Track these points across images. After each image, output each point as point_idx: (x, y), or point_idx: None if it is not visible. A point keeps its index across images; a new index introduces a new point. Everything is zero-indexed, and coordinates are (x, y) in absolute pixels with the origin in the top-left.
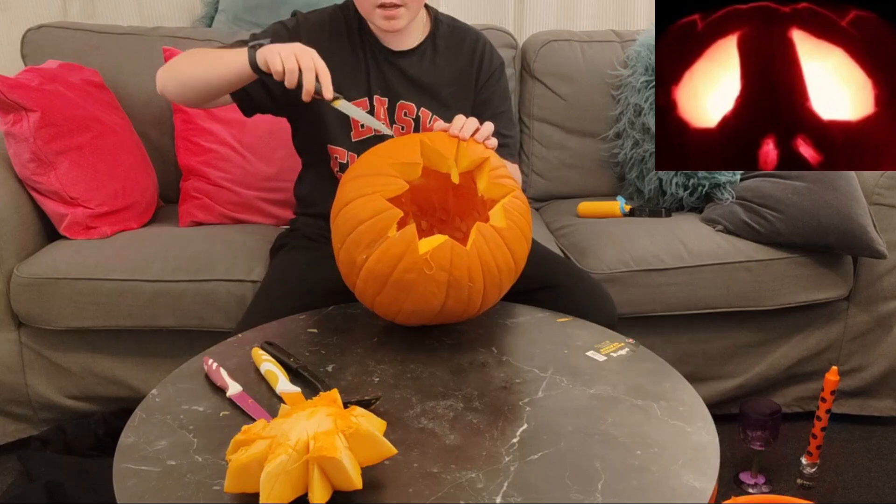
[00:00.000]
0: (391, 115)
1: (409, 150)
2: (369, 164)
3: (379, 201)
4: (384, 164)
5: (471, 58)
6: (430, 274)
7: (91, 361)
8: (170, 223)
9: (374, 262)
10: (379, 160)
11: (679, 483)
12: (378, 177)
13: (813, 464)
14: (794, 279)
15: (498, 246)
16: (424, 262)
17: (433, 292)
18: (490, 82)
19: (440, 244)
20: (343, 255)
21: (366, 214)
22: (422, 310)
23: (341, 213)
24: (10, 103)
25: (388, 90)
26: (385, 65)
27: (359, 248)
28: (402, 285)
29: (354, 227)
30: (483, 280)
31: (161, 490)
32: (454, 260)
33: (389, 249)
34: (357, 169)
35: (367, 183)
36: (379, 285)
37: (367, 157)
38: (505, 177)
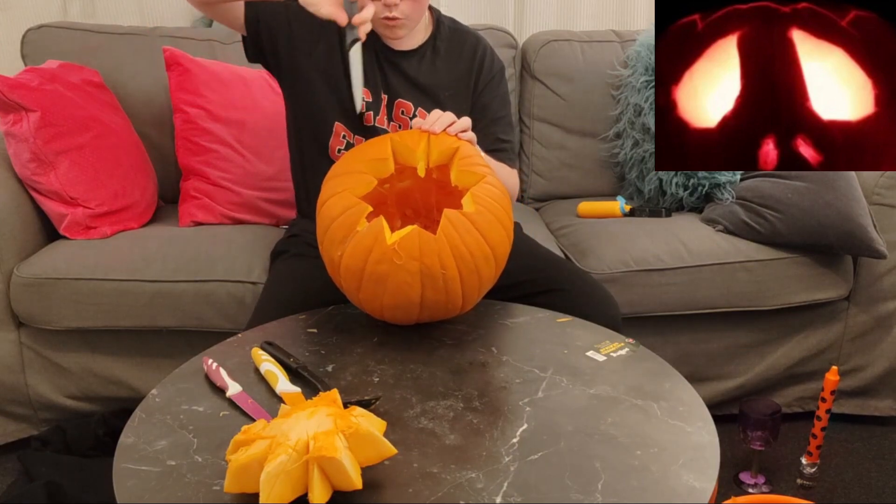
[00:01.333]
0: (389, 113)
1: (379, 147)
2: (344, 163)
3: (348, 198)
4: (355, 162)
5: (470, 61)
6: (400, 264)
7: (91, 361)
8: (170, 223)
9: (349, 258)
10: (351, 159)
11: (679, 483)
12: (350, 175)
13: (813, 464)
14: (794, 279)
15: (468, 231)
16: (393, 251)
17: (408, 283)
18: (489, 87)
19: (407, 233)
20: (324, 253)
21: (337, 211)
22: (402, 303)
23: (319, 213)
24: (10, 103)
25: (387, 88)
26: (386, 63)
27: (334, 244)
28: (377, 278)
29: (328, 225)
30: (457, 266)
31: (161, 490)
32: (423, 248)
33: (360, 243)
34: (334, 169)
35: (340, 182)
36: (356, 280)
37: (344, 157)
38: (478, 164)
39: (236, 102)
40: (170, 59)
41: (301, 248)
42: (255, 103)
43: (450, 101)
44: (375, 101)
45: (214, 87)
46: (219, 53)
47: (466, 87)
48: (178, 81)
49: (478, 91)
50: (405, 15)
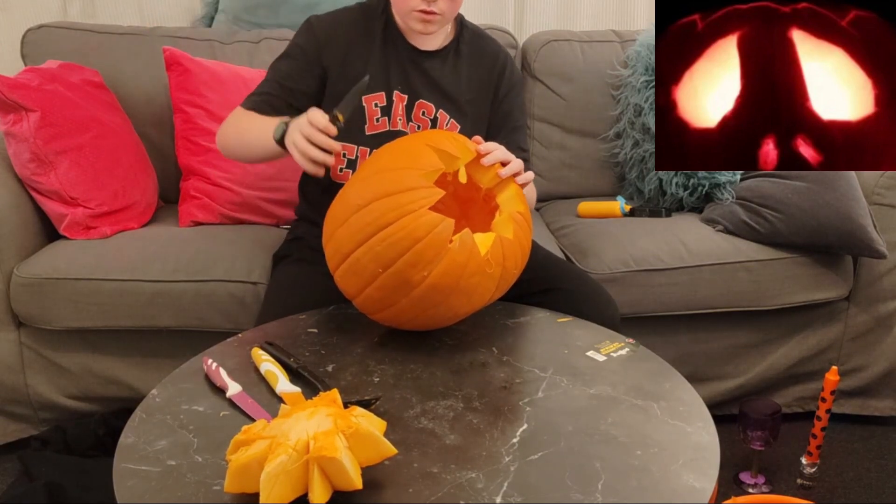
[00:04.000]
0: (408, 113)
1: (426, 158)
2: (396, 180)
3: (430, 216)
4: (415, 177)
5: (491, 69)
6: (490, 273)
7: (91, 361)
8: (170, 223)
9: (441, 276)
10: (404, 173)
11: (679, 483)
12: (415, 191)
13: (813, 464)
14: (794, 279)
15: (525, 232)
16: (486, 262)
17: (490, 289)
18: (511, 96)
19: (491, 241)
20: (388, 280)
21: (422, 232)
22: (470, 311)
23: (387, 238)
24: (10, 103)
25: (408, 88)
26: (408, 63)
27: (417, 267)
28: (468, 290)
29: (409, 247)
30: (521, 265)
31: (161, 490)
32: (505, 252)
33: (454, 259)
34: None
35: (404, 199)
36: (440, 297)
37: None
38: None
39: (236, 102)
40: (170, 59)
41: (304, 253)
42: None
43: (469, 105)
44: (388, 104)
45: (214, 87)
46: (219, 53)
47: (487, 93)
48: (178, 81)
49: (499, 98)
50: (442, 11)
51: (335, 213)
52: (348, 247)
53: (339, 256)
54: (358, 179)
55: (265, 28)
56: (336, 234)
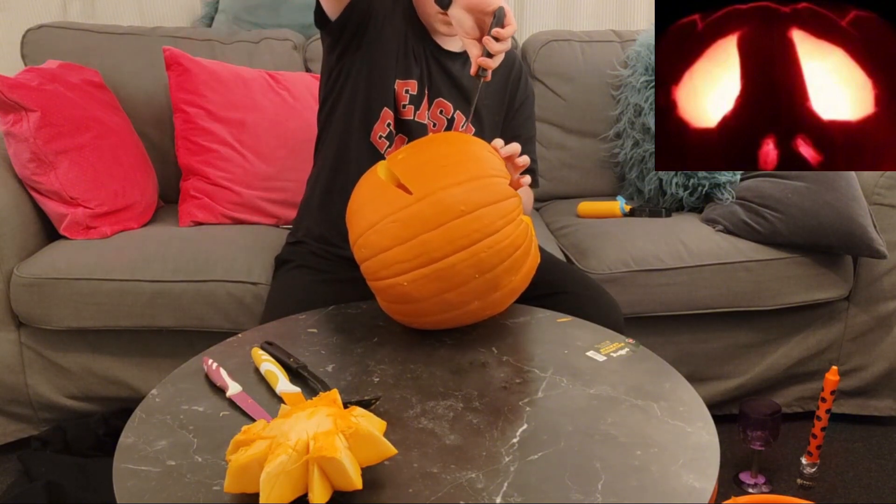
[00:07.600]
0: (428, 109)
1: (501, 165)
2: (497, 189)
3: (525, 224)
4: (506, 186)
5: (507, 77)
6: None
7: (91, 361)
8: (170, 223)
9: (520, 281)
10: (498, 181)
11: (679, 483)
12: (511, 200)
13: (813, 464)
14: (794, 279)
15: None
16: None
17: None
18: (524, 107)
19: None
20: (479, 285)
21: (521, 239)
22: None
23: (483, 249)
24: (10, 103)
25: (432, 83)
26: (432, 60)
27: (509, 273)
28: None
29: (510, 254)
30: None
31: (161, 490)
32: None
33: (532, 265)
34: (486, 196)
35: (510, 207)
36: (508, 299)
37: (482, 180)
38: None
39: (236, 102)
40: (170, 59)
41: (306, 259)
42: (255, 103)
43: (485, 110)
44: (419, 95)
45: (214, 87)
46: (219, 53)
47: (501, 100)
48: (178, 81)
49: (514, 108)
50: None
51: (419, 216)
52: (442, 251)
53: (422, 260)
54: (419, 175)
55: (265, 28)
56: (422, 238)
